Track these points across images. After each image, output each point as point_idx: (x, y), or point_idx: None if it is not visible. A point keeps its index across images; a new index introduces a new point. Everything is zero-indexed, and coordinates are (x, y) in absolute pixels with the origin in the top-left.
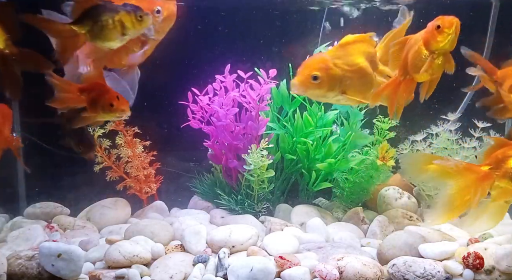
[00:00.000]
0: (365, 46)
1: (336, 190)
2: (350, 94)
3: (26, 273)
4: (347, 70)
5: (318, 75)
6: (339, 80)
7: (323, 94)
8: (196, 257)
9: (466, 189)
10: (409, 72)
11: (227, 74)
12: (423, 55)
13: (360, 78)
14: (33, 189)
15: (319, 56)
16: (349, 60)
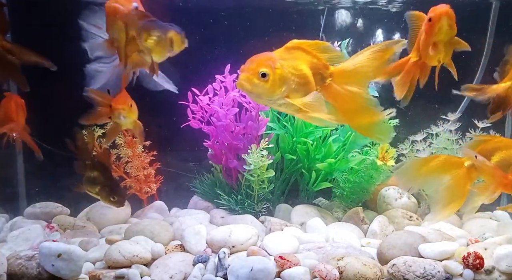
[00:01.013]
0: (311, 56)
1: (336, 190)
2: (293, 98)
3: (26, 273)
4: (293, 74)
5: (266, 72)
6: (285, 82)
7: (269, 93)
8: (196, 257)
9: (457, 182)
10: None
11: (227, 74)
12: (428, 43)
13: (303, 85)
14: (33, 189)
15: (267, 54)
16: (295, 65)
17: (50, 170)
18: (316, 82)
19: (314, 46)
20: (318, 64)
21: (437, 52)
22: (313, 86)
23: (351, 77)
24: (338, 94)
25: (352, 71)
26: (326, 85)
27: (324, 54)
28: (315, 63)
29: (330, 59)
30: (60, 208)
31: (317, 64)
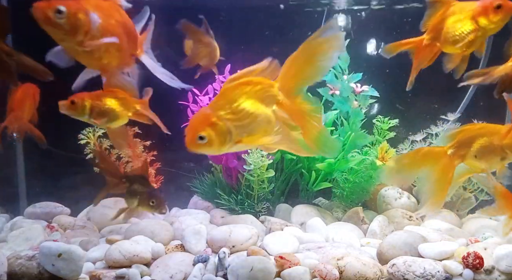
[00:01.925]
0: (250, 86)
1: (336, 190)
2: (247, 141)
3: (26, 273)
4: (235, 119)
5: (203, 135)
6: (228, 133)
7: (215, 150)
8: (196, 257)
9: (441, 170)
10: (440, 39)
11: (227, 74)
12: (466, 28)
13: (252, 123)
14: (33, 189)
15: (202, 113)
16: (233, 108)
17: (50, 170)
18: (270, 104)
19: (249, 72)
20: (263, 88)
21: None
22: (266, 116)
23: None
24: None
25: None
26: (280, 102)
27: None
28: (258, 89)
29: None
30: (60, 208)
31: (260, 89)
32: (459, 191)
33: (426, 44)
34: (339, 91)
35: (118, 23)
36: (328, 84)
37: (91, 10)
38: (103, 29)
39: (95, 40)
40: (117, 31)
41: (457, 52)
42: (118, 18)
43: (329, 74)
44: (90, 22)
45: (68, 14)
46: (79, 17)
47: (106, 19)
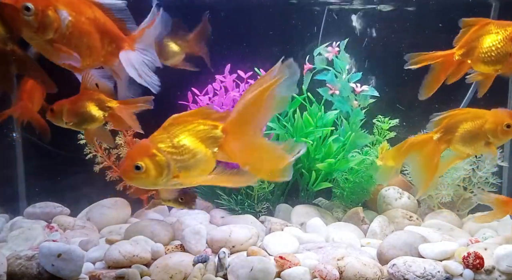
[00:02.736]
0: (194, 125)
1: (336, 190)
2: (184, 177)
3: (26, 273)
4: (174, 153)
5: (140, 165)
6: (166, 166)
7: (150, 182)
8: (196, 257)
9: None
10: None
11: (227, 74)
12: (503, 49)
13: (191, 159)
14: (33, 189)
15: (142, 144)
16: (175, 143)
17: (50, 170)
18: (211, 145)
19: (195, 113)
20: (205, 129)
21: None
22: (205, 156)
23: (242, 127)
24: (237, 149)
25: (241, 121)
26: (222, 144)
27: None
28: (201, 129)
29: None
30: (60, 208)
31: (203, 129)
32: (459, 191)
33: (456, 60)
34: (339, 91)
35: (89, 21)
36: (328, 84)
37: (61, 7)
38: (72, 27)
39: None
40: (87, 28)
41: (489, 72)
42: (89, 15)
43: (329, 74)
44: (59, 19)
45: (36, 11)
46: (47, 14)
47: (76, 16)
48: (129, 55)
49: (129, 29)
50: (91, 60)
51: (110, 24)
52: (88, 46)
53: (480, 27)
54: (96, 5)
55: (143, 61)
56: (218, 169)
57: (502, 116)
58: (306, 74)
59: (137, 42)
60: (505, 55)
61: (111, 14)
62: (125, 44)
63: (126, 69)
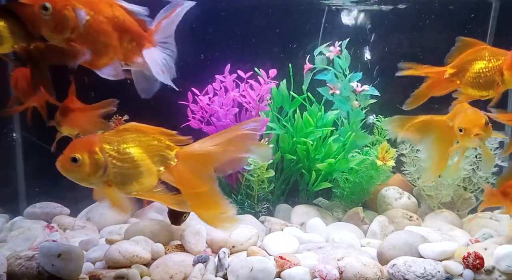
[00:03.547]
0: (149, 138)
1: (336, 190)
2: (118, 184)
3: (26, 273)
4: (116, 158)
5: (77, 158)
6: (102, 167)
7: (82, 178)
8: (196, 257)
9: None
10: (462, 77)
11: (227, 74)
12: (492, 77)
13: (130, 169)
14: (33, 189)
15: (88, 138)
16: (121, 148)
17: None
18: (158, 164)
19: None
20: (159, 146)
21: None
22: (148, 170)
23: (197, 160)
24: (183, 177)
25: (199, 155)
26: (170, 167)
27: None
28: (153, 145)
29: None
30: (60, 208)
31: (157, 145)
32: (459, 191)
33: (446, 78)
34: (340, 91)
35: (108, 19)
36: (328, 83)
37: (79, 6)
38: (90, 26)
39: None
40: (105, 27)
41: (475, 96)
42: (108, 14)
43: (329, 74)
44: (76, 18)
45: (53, 11)
46: (65, 13)
47: (94, 15)
48: (152, 52)
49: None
50: (110, 58)
51: (130, 22)
52: (107, 45)
53: (474, 50)
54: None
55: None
56: (160, 186)
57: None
58: (306, 74)
59: (156, 36)
60: (493, 83)
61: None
62: (145, 41)
63: (151, 68)
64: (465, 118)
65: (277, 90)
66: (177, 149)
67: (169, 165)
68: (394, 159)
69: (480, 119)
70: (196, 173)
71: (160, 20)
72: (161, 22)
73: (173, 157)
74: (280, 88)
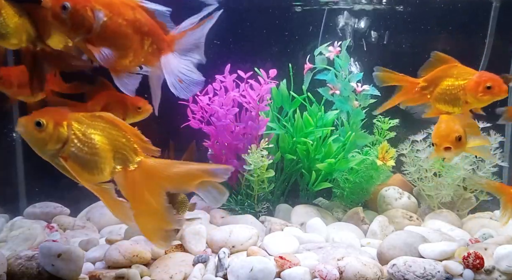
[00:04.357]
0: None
1: (336, 190)
2: (69, 165)
3: (26, 273)
4: (79, 139)
5: (42, 123)
6: (61, 142)
7: (38, 144)
8: (196, 257)
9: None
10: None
11: (227, 74)
12: (456, 96)
13: (90, 156)
14: (33, 189)
15: (62, 110)
16: (87, 131)
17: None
18: (117, 162)
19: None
20: (125, 145)
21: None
22: (104, 163)
23: (155, 176)
24: (135, 185)
25: (160, 172)
26: (128, 170)
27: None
28: (120, 141)
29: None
30: (60, 208)
31: (123, 144)
32: (459, 191)
33: (418, 91)
34: (340, 91)
35: (127, 22)
36: (328, 84)
37: (98, 7)
38: (106, 28)
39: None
40: (124, 30)
41: (442, 110)
42: (129, 16)
43: (329, 74)
44: (93, 19)
45: (72, 10)
46: (82, 14)
47: (113, 17)
48: (169, 59)
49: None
50: (130, 61)
51: (152, 25)
52: (126, 47)
53: (446, 67)
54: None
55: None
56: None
57: (484, 77)
58: (307, 74)
59: (177, 43)
60: (458, 101)
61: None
62: (165, 45)
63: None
64: (437, 132)
65: (277, 90)
66: (142, 156)
67: (127, 167)
68: (394, 159)
69: (451, 134)
70: (149, 187)
71: (186, 30)
72: (186, 33)
73: (134, 161)
74: (280, 88)
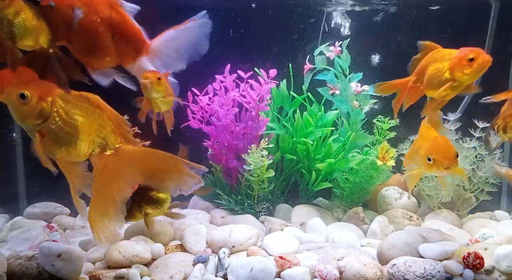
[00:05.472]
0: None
1: (336, 190)
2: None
3: (26, 273)
4: (60, 117)
5: (26, 96)
6: (42, 117)
7: (18, 116)
8: (196, 257)
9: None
10: (421, 82)
11: (227, 74)
12: (443, 77)
13: (68, 135)
14: (33, 189)
15: (48, 85)
16: (70, 111)
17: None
18: (96, 145)
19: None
20: (107, 130)
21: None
22: (82, 143)
23: (131, 164)
24: (108, 170)
25: (136, 160)
26: (105, 155)
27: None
28: (102, 126)
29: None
30: (60, 208)
31: (105, 128)
32: (459, 191)
33: (411, 86)
34: (339, 91)
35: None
36: (328, 84)
37: (78, 6)
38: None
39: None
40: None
41: (436, 96)
42: (105, 15)
43: (329, 74)
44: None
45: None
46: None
47: (90, 15)
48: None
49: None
50: (104, 59)
51: (128, 26)
52: (101, 46)
53: (430, 55)
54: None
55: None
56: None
57: (465, 51)
58: (307, 74)
59: (153, 44)
60: (445, 82)
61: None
62: (142, 47)
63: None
64: (436, 148)
65: (277, 90)
66: (121, 143)
67: (104, 151)
68: (394, 159)
69: (451, 151)
70: (121, 174)
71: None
72: (165, 32)
73: (113, 147)
74: (280, 88)
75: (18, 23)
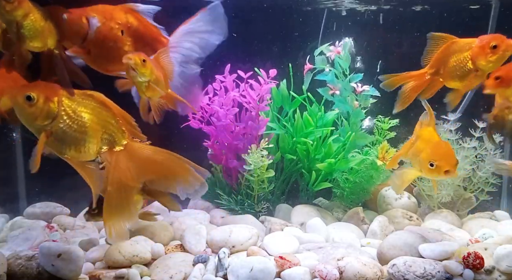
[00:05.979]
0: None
1: (336, 190)
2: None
3: (26, 273)
4: (68, 116)
5: (33, 97)
6: (50, 118)
7: (28, 119)
8: (196, 257)
9: None
10: (442, 74)
11: (227, 74)
12: (467, 68)
13: (74, 132)
14: (33, 189)
15: (54, 85)
16: (77, 109)
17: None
18: (105, 142)
19: (119, 111)
20: (113, 126)
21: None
22: (91, 141)
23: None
24: (118, 166)
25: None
26: (113, 151)
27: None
28: (109, 122)
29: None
30: (60, 208)
31: (112, 125)
32: (459, 191)
33: (428, 79)
34: (339, 91)
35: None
36: (328, 84)
37: (92, 14)
38: (100, 33)
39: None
40: (117, 35)
41: (459, 87)
42: (123, 21)
43: (329, 74)
44: (88, 26)
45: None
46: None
47: (107, 23)
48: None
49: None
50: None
51: (146, 29)
52: (121, 51)
53: (447, 46)
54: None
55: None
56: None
57: (486, 39)
58: (307, 74)
59: (170, 41)
60: (469, 72)
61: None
62: (161, 46)
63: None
64: (439, 153)
65: (277, 90)
66: (129, 139)
67: (113, 148)
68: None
69: (454, 156)
70: (131, 171)
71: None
72: (179, 27)
73: (121, 143)
74: (280, 88)
75: (27, 25)
